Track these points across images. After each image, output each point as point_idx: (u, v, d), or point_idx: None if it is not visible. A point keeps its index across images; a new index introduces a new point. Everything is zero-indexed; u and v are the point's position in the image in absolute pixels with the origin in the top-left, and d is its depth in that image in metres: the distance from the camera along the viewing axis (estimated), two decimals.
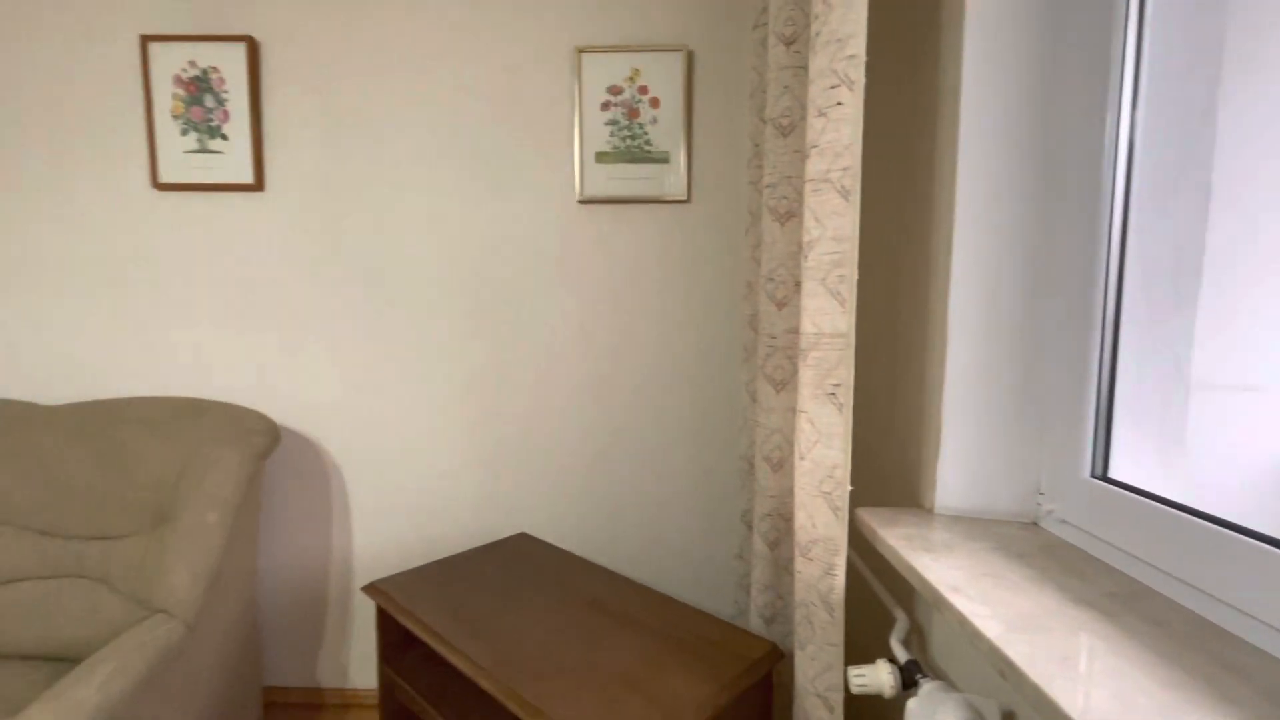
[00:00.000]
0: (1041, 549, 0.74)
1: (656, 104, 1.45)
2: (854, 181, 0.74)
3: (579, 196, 1.48)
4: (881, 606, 0.98)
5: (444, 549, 1.59)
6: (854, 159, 0.74)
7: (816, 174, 0.78)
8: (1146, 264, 0.71)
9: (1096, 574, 0.67)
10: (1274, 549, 0.52)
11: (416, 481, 1.59)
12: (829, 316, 0.79)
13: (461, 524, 1.59)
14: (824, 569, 0.81)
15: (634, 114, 1.45)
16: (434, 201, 1.51)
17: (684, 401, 1.55)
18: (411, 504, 1.59)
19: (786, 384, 1.02)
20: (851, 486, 0.80)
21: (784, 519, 1.04)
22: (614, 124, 1.45)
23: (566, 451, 1.57)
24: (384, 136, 1.50)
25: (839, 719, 0.82)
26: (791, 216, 0.99)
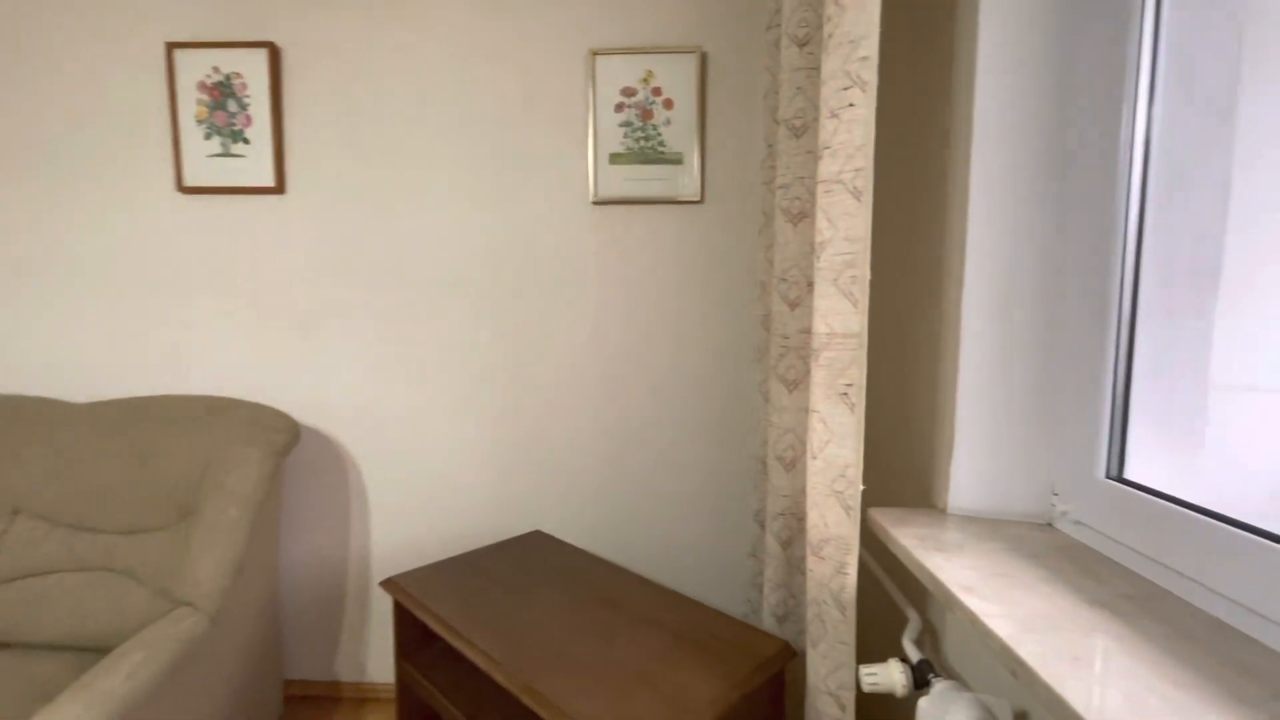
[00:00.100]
0: (1056, 550, 0.74)
1: (670, 105, 1.45)
2: (866, 182, 0.75)
3: (593, 198, 1.49)
4: (895, 606, 0.98)
5: (460, 546, 1.62)
6: (866, 160, 0.74)
7: (829, 175, 0.79)
8: (1163, 263, 0.70)
9: (1111, 575, 0.67)
10: None
11: (433, 479, 1.61)
12: (841, 317, 0.79)
13: (477, 521, 1.61)
14: (836, 568, 0.82)
15: (648, 115, 1.46)
16: (450, 203, 1.53)
17: (697, 401, 1.55)
18: (428, 501, 1.61)
19: (799, 384, 1.03)
20: (864, 486, 0.80)
21: (796, 518, 1.05)
22: (628, 125, 1.46)
23: (580, 450, 1.58)
24: (401, 139, 1.52)
25: (850, 717, 0.82)
26: (804, 217, 0.99)
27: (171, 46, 1.49)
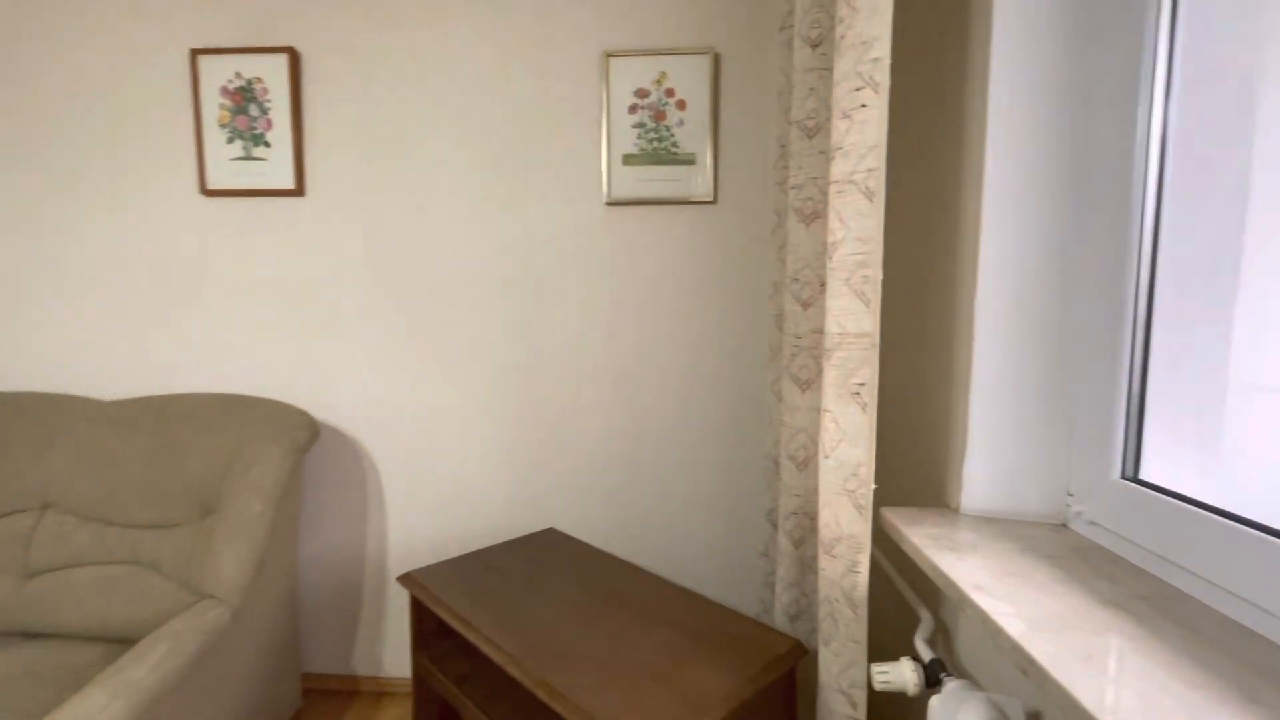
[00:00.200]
0: (1070, 550, 0.74)
1: (683, 106, 1.46)
2: (878, 183, 0.75)
3: (607, 198, 1.50)
4: (908, 606, 0.98)
5: (475, 543, 1.64)
6: (878, 160, 0.74)
7: (841, 175, 0.79)
8: (1180, 262, 0.70)
9: (1126, 576, 0.67)
10: None
11: (449, 477, 1.63)
12: (853, 316, 0.80)
13: (492, 519, 1.63)
14: (848, 566, 0.82)
15: (661, 116, 1.47)
16: (466, 204, 1.55)
17: (710, 401, 1.56)
18: (444, 499, 1.64)
19: (812, 383, 1.03)
20: (876, 485, 0.81)
21: (809, 517, 1.05)
22: (641, 127, 1.47)
23: (593, 449, 1.60)
24: (418, 142, 1.54)
25: (862, 715, 0.83)
26: (817, 217, 0.99)
27: (196, 53, 1.52)
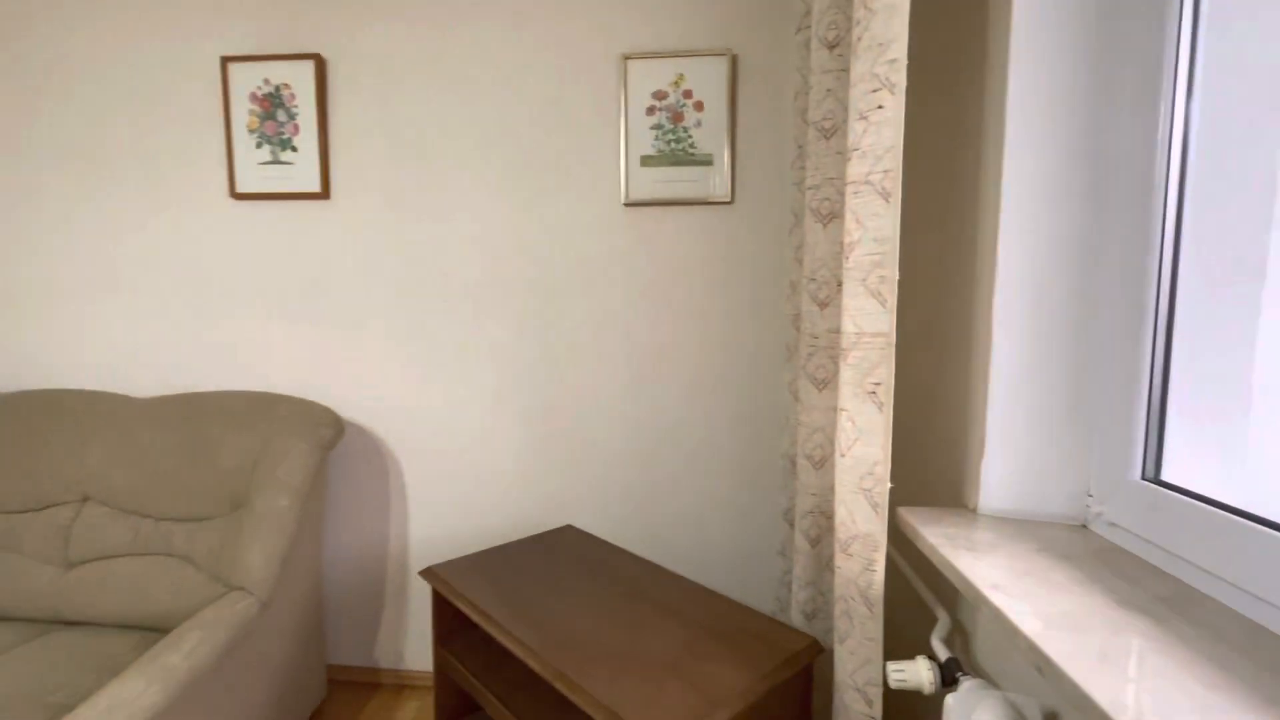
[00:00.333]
0: (1089, 551, 0.73)
1: (700, 107, 1.47)
2: (895, 184, 0.75)
3: (625, 199, 1.52)
4: (925, 607, 0.98)
5: (494, 539, 1.66)
6: (895, 162, 0.75)
7: (857, 177, 0.80)
8: (1205, 260, 0.69)
9: (1146, 577, 0.66)
10: None
11: (469, 474, 1.66)
12: (870, 316, 0.80)
13: (511, 515, 1.66)
14: (864, 565, 0.83)
15: (678, 118, 1.48)
16: (487, 206, 1.58)
17: (727, 400, 1.56)
18: (464, 495, 1.66)
19: (828, 383, 1.03)
20: (892, 484, 0.81)
21: (825, 516, 1.05)
22: (659, 128, 1.48)
23: (611, 448, 1.61)
24: (439, 145, 1.57)
25: (878, 713, 0.83)
26: (834, 218, 1.00)
27: (226, 60, 1.57)
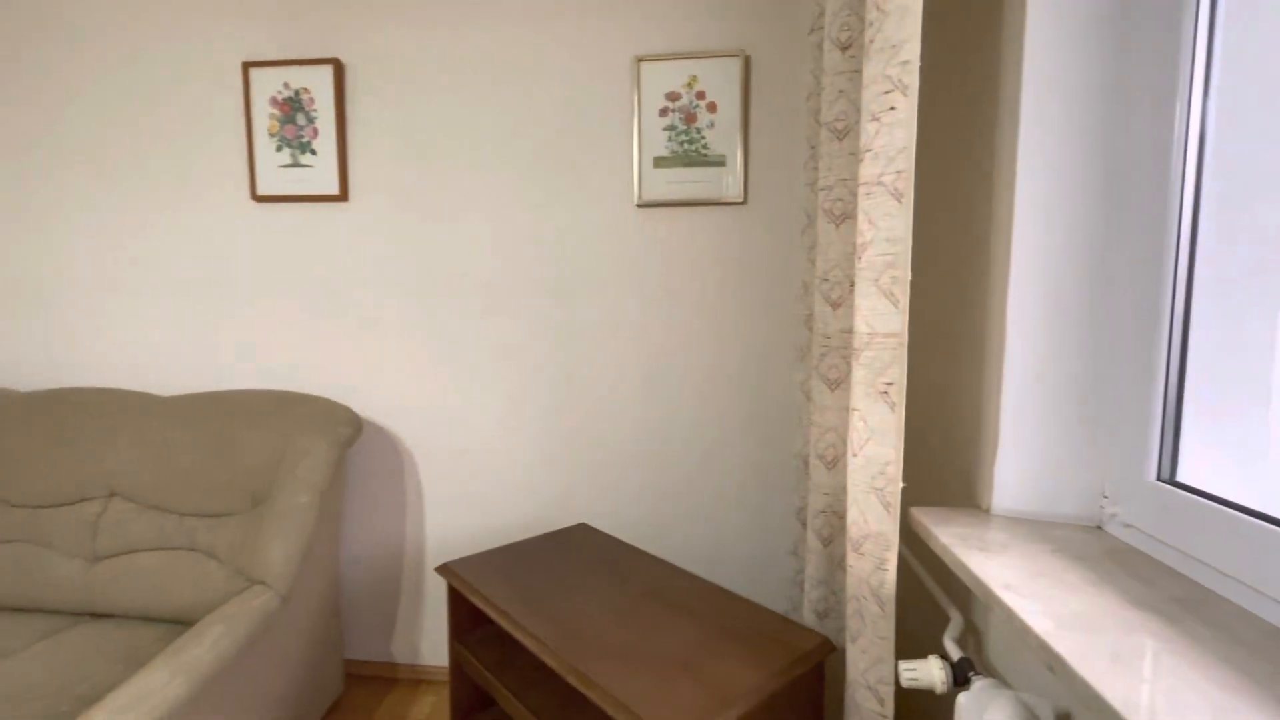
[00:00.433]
0: (1104, 552, 0.73)
1: (714, 109, 1.48)
2: (907, 185, 0.76)
3: (638, 201, 1.53)
4: (937, 607, 0.98)
5: (509, 536, 1.68)
6: (907, 163, 0.75)
7: (870, 178, 0.80)
8: (1221, 262, 0.69)
9: (1160, 578, 0.66)
10: None
11: (484, 473, 1.68)
12: (882, 316, 0.80)
13: (525, 513, 1.68)
14: (875, 564, 0.83)
15: (691, 119, 1.48)
16: (501, 208, 1.60)
17: (740, 400, 1.57)
18: (479, 493, 1.69)
19: (841, 383, 1.03)
20: (905, 484, 0.81)
21: (838, 516, 1.06)
22: (672, 129, 1.49)
23: (624, 447, 1.62)
24: (454, 147, 1.59)
25: (889, 711, 0.83)
26: (847, 218, 1.00)
27: (247, 66, 1.60)
